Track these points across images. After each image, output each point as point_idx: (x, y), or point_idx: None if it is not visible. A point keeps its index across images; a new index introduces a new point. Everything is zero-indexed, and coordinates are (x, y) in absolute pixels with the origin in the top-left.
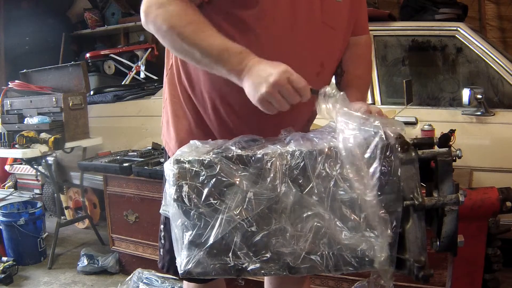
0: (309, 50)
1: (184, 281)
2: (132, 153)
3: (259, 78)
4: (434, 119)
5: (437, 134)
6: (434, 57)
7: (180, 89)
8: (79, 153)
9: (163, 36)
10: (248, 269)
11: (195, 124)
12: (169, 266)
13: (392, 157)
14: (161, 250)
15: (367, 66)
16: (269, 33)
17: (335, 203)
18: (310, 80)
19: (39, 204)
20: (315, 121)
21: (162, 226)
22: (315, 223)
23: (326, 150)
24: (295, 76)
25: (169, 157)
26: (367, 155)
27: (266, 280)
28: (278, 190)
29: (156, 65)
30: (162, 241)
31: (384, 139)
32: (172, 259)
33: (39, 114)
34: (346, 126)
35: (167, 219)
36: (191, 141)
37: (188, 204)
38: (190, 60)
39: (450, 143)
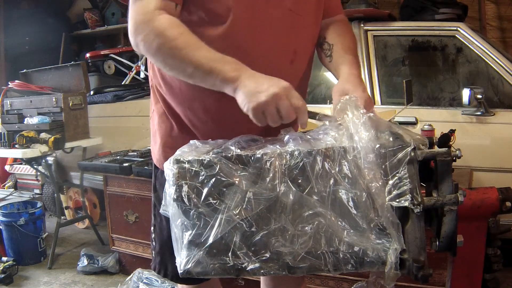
0: (279, 39)
1: (178, 285)
2: (132, 153)
3: (258, 88)
4: (434, 119)
5: (437, 134)
6: (434, 57)
7: (162, 97)
8: (79, 153)
9: (154, 53)
10: (248, 268)
11: (177, 128)
12: (160, 267)
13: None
14: (153, 252)
15: (353, 39)
16: (237, 25)
17: (337, 203)
18: (285, 69)
19: (39, 204)
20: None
21: (152, 228)
22: (316, 222)
23: (325, 150)
24: (295, 94)
25: (154, 165)
26: (390, 162)
27: (262, 282)
28: (278, 190)
29: None
30: (153, 243)
31: (413, 152)
32: (162, 260)
33: (39, 114)
34: (369, 129)
35: (156, 221)
36: (191, 141)
37: (187, 204)
38: (182, 74)
39: (450, 143)
